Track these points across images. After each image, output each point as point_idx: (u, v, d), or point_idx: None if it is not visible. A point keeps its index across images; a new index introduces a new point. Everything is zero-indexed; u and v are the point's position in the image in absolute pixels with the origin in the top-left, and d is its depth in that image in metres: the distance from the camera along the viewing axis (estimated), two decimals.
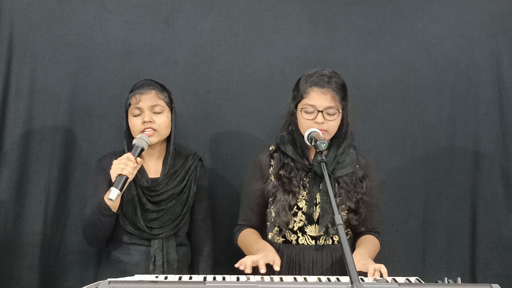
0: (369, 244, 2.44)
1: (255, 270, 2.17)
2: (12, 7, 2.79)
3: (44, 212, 2.78)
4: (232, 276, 2.05)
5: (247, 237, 2.48)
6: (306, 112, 2.38)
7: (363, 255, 2.28)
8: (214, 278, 2.02)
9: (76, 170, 2.84)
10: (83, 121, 2.85)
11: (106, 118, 2.85)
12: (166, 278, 2.03)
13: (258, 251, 2.28)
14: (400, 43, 2.99)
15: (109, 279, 1.87)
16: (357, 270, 2.07)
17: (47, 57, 2.82)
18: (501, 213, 2.98)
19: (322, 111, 2.35)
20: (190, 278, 2.05)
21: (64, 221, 2.83)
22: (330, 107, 2.36)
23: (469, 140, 2.99)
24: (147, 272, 2.43)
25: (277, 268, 2.17)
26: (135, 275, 2.04)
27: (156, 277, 2.04)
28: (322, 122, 2.35)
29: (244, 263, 2.13)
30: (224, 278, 2.02)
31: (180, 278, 2.04)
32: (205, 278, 2.00)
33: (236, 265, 2.15)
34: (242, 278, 2.03)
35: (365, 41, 2.98)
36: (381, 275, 2.09)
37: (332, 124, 2.38)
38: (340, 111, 2.39)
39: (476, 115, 2.99)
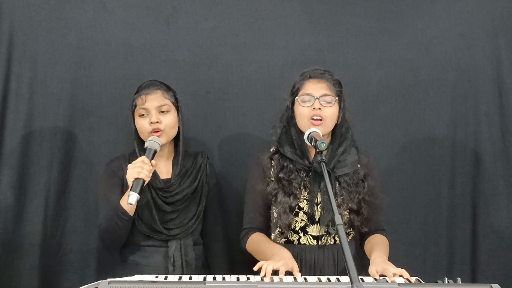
0: (382, 244, 2.43)
1: (255, 271, 2.16)
2: (12, 7, 2.78)
3: (44, 212, 2.77)
4: (232, 276, 2.06)
5: (258, 241, 2.45)
6: (303, 101, 2.40)
7: (382, 257, 2.26)
8: (214, 278, 2.02)
9: (76, 170, 2.84)
10: (83, 121, 2.85)
11: (106, 119, 2.85)
12: (166, 278, 2.03)
13: (274, 255, 2.25)
14: (400, 43, 2.99)
15: (109, 279, 1.87)
16: (378, 273, 2.09)
17: (47, 57, 2.81)
18: (501, 213, 2.98)
19: (318, 98, 2.37)
20: (190, 278, 2.05)
21: (64, 221, 2.83)
22: (326, 94, 2.39)
23: (469, 140, 2.99)
24: (166, 273, 2.41)
25: (298, 275, 2.14)
26: (135, 275, 2.04)
27: (156, 277, 2.04)
28: (319, 108, 2.36)
29: (265, 269, 2.09)
30: (224, 278, 2.02)
31: (180, 278, 2.04)
32: (205, 278, 2.00)
33: (255, 269, 2.13)
34: (242, 278, 2.03)
35: (365, 41, 2.98)
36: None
37: (330, 112, 2.38)
38: (337, 100, 2.40)
39: (476, 115, 2.99)
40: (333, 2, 2.98)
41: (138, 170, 2.28)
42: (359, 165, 2.48)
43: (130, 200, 2.21)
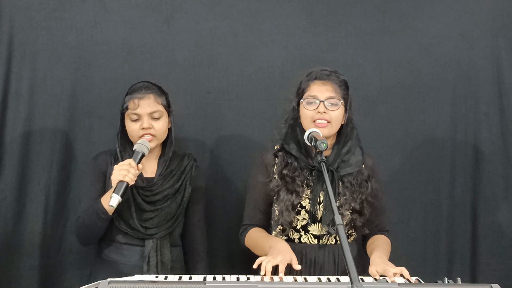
0: (384, 245, 2.43)
1: (254, 270, 2.16)
2: (12, 7, 2.79)
3: (44, 212, 2.77)
4: (232, 276, 2.05)
5: (255, 236, 2.45)
6: (308, 103, 2.39)
7: (382, 258, 2.26)
8: (214, 278, 2.02)
9: (76, 170, 2.84)
10: (83, 121, 2.85)
11: (106, 119, 2.84)
12: (166, 278, 2.03)
13: (271, 248, 2.24)
14: (400, 43, 2.99)
15: (109, 279, 1.88)
16: (379, 274, 2.09)
17: (47, 57, 2.81)
18: (501, 213, 2.98)
19: (323, 101, 2.36)
20: (190, 278, 2.05)
21: (64, 221, 2.82)
22: (331, 97, 2.38)
23: (469, 140, 2.99)
24: (141, 272, 2.40)
25: (297, 267, 2.14)
26: (135, 275, 2.04)
27: (156, 277, 2.04)
28: (324, 112, 2.35)
29: (264, 268, 2.08)
30: (224, 278, 2.02)
31: (180, 278, 2.04)
32: (205, 278, 2.00)
33: (255, 266, 2.12)
34: (242, 278, 2.03)
35: (365, 41, 2.98)
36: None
37: (335, 115, 2.37)
38: (342, 102, 2.39)
39: (476, 115, 3.00)
40: (333, 2, 2.98)
41: (123, 173, 2.28)
42: (363, 166, 2.48)
43: (111, 203, 2.22)
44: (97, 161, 2.54)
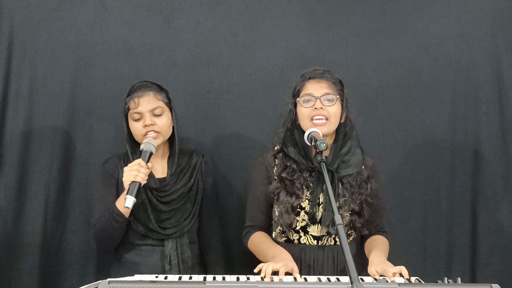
0: (383, 245, 2.43)
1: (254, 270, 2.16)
2: (12, 7, 2.79)
3: (44, 212, 2.77)
4: (232, 276, 2.06)
5: (259, 241, 2.45)
6: (305, 101, 2.39)
7: (381, 257, 2.27)
8: (214, 278, 2.02)
9: (76, 170, 2.84)
10: (83, 121, 2.85)
11: (106, 118, 2.85)
12: (166, 278, 2.04)
13: (274, 258, 2.25)
14: (400, 43, 2.99)
15: (109, 279, 1.88)
16: (378, 274, 2.09)
17: (47, 57, 2.82)
18: (501, 213, 2.98)
19: (319, 97, 2.36)
20: (190, 278, 2.05)
21: (64, 221, 2.83)
22: (327, 93, 2.38)
23: (469, 140, 2.99)
24: (163, 272, 2.42)
25: (297, 276, 2.15)
26: (135, 275, 2.04)
27: (156, 277, 2.04)
28: (321, 108, 2.35)
29: (265, 271, 2.09)
30: (224, 278, 2.03)
31: (180, 278, 2.05)
32: (205, 278, 2.00)
33: (256, 271, 2.13)
34: (242, 278, 2.03)
35: (365, 41, 2.98)
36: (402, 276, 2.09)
37: (332, 111, 2.37)
38: (338, 98, 2.39)
39: (476, 115, 2.99)
40: (333, 2, 2.98)
41: (134, 173, 2.29)
42: (363, 167, 2.47)
43: (127, 204, 2.23)
44: (106, 167, 2.54)
